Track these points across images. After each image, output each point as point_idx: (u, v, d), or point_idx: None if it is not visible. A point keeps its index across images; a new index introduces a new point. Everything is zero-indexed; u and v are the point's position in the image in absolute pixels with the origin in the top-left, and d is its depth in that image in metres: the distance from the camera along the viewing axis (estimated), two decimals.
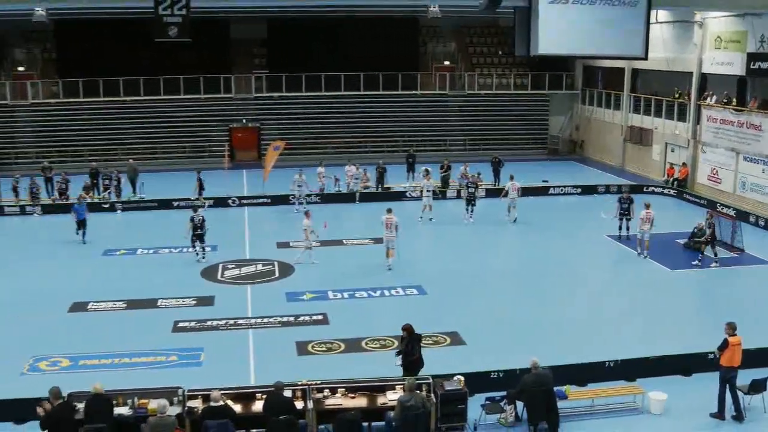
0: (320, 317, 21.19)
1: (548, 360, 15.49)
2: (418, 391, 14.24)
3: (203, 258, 26.94)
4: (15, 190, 35.82)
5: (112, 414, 13.81)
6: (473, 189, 32.89)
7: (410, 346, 15.89)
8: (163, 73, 47.61)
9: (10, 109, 48.14)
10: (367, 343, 19.18)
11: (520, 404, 15.14)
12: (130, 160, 39.63)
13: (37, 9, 34.92)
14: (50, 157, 46.14)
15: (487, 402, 15.27)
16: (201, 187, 35.78)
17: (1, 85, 48.12)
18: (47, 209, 35.03)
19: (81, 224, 29.28)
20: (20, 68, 50.13)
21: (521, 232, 31.63)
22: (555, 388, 14.90)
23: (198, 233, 26.89)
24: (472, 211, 32.51)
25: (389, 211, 26.20)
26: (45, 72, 50.00)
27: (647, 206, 27.36)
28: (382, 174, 37.82)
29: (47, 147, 47.82)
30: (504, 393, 15.28)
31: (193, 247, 27.10)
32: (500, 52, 53.77)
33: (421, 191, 33.73)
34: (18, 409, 15.15)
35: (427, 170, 34.76)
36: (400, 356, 15.96)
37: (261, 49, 51.65)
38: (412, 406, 13.65)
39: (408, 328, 15.97)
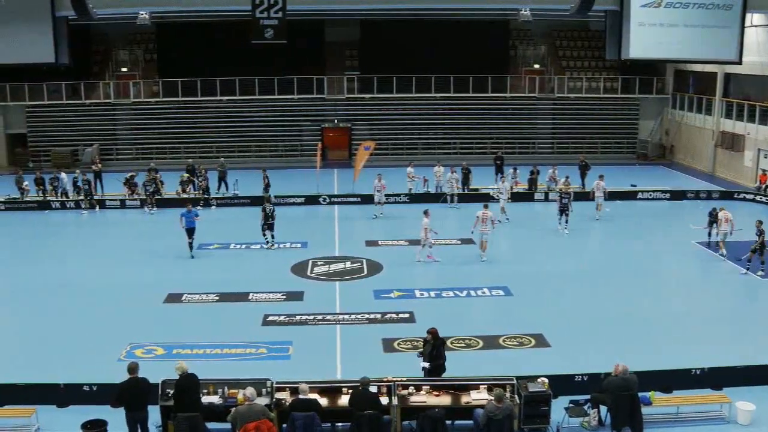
0: (407, 315, 21.24)
1: (633, 365, 15.18)
2: (507, 399, 14.13)
3: (272, 245, 28.48)
4: (128, 183, 36.99)
5: (199, 392, 14.14)
6: (567, 200, 31.16)
7: (436, 350, 15.74)
8: (258, 74, 48.50)
9: (113, 107, 49.82)
10: (452, 342, 19.15)
11: (603, 408, 14.90)
12: (221, 159, 40.35)
13: (141, 12, 36.09)
14: (148, 155, 47.70)
15: (571, 405, 15.07)
16: (267, 185, 36.49)
17: (105, 84, 49.86)
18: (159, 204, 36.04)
19: (190, 233, 27.49)
20: (123, 69, 51.85)
21: (608, 235, 31.09)
22: (639, 394, 14.61)
23: (269, 222, 28.49)
24: (566, 222, 30.91)
25: (486, 206, 26.91)
26: (146, 72, 51.55)
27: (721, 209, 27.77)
28: (467, 175, 37.66)
29: (146, 144, 49.39)
30: (588, 396, 15.07)
31: (264, 235, 28.63)
32: (590, 56, 52.96)
33: (507, 192, 33.49)
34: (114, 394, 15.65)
35: (515, 169, 34.55)
36: (424, 360, 15.79)
37: (353, 51, 52.10)
38: (497, 416, 13.58)
39: (434, 332, 15.84)
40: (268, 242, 28.66)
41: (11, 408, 15.22)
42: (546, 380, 14.92)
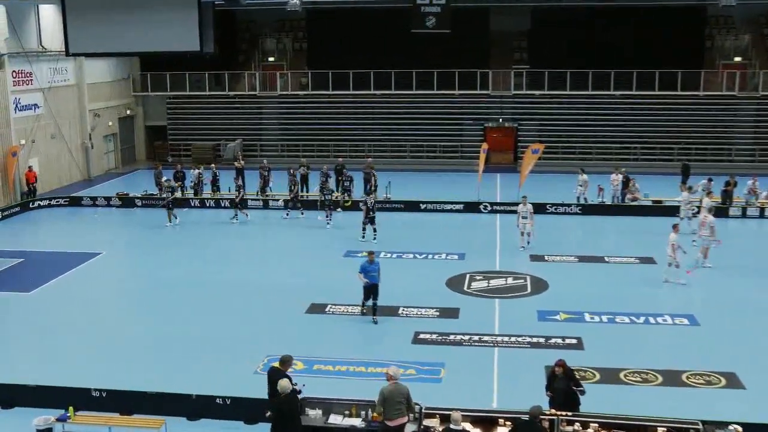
0: (574, 341, 20.83)
1: None
2: None
3: (374, 240, 30.82)
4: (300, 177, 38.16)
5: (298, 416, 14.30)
6: None
7: (566, 384, 15.17)
8: (415, 67, 48.98)
9: (258, 100, 51.58)
10: (626, 375, 18.61)
11: None
12: (369, 160, 41.05)
13: None
14: (294, 151, 49.11)
15: None
16: (371, 182, 37.14)
17: (250, 75, 51.71)
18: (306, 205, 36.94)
19: (371, 292, 22.59)
20: (270, 59, 53.62)
21: None
22: None
23: (371, 216, 31.12)
24: None
25: (710, 210, 28.03)
26: (294, 63, 53.06)
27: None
28: (626, 183, 36.64)
29: (293, 140, 50.84)
30: None
31: (364, 229, 31.24)
32: None
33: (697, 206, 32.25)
34: (249, 409, 16.16)
35: (709, 180, 33.30)
36: (552, 394, 15.29)
37: (522, 43, 51.77)
38: None
39: (563, 365, 15.33)
40: (364, 237, 31.16)
41: (140, 417, 15.93)
42: (739, 428, 14.20)
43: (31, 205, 38.77)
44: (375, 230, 31.29)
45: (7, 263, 29.05)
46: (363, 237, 31.33)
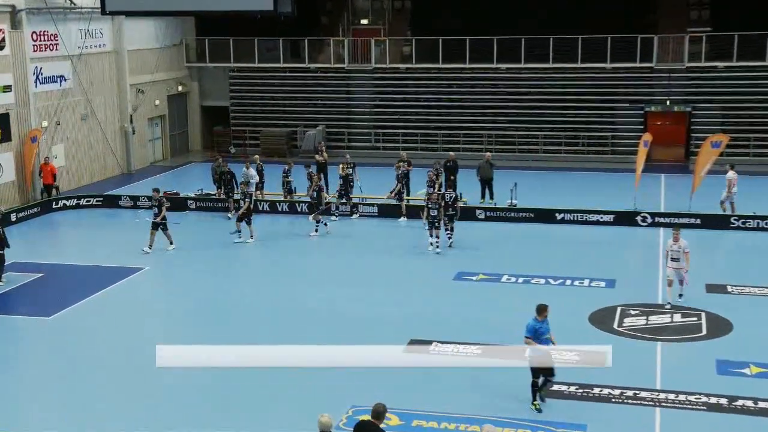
0: None
1: None
2: None
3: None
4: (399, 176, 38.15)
5: None
6: None
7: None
8: (551, 33, 48.61)
9: (347, 75, 51.78)
10: None
11: None
12: (487, 154, 40.60)
13: None
14: (393, 142, 49.15)
15: None
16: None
17: (337, 43, 52.12)
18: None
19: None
20: (363, 21, 53.84)
21: None
22: None
23: (450, 213, 32.13)
24: None
25: None
26: (394, 28, 53.13)
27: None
28: None
29: (390, 127, 50.97)
30: None
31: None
32: None
33: None
34: None
35: None
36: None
37: None
38: None
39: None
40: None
41: None
42: None
43: (54, 205, 39.52)
44: (450, 232, 32.01)
45: (22, 279, 29.50)
46: (436, 247, 31.67)
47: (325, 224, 34.81)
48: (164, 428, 18.43)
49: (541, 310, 19.78)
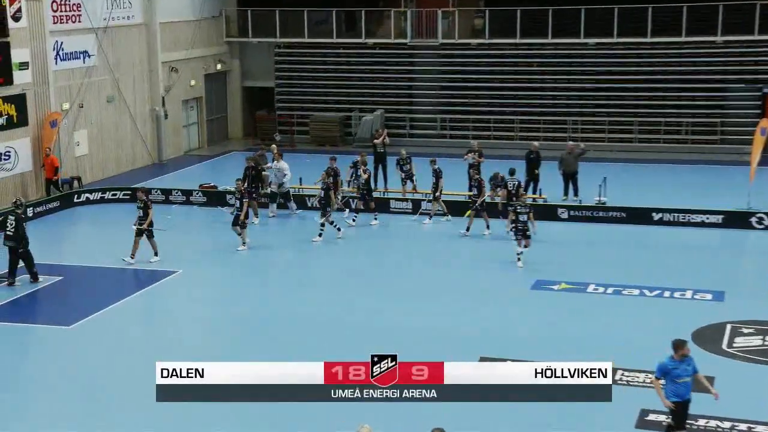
0: None
1: None
2: None
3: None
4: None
5: None
6: None
7: None
8: (650, 2, 48.15)
9: (410, 52, 51.66)
10: None
11: None
12: (570, 144, 40.33)
13: None
14: (461, 129, 49.10)
15: None
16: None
17: (398, 15, 52.00)
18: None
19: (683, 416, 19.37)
20: None
21: None
22: None
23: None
24: None
25: None
26: None
27: None
28: None
29: (458, 112, 50.83)
30: None
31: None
32: None
33: None
34: None
35: None
36: None
37: None
38: None
39: None
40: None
41: None
42: None
43: (75, 199, 39.78)
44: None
45: (39, 282, 29.59)
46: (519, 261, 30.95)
47: (338, 228, 34.40)
48: None
49: (678, 346, 18.53)
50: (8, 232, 28.83)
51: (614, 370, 22.33)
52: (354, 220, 35.98)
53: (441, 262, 32.22)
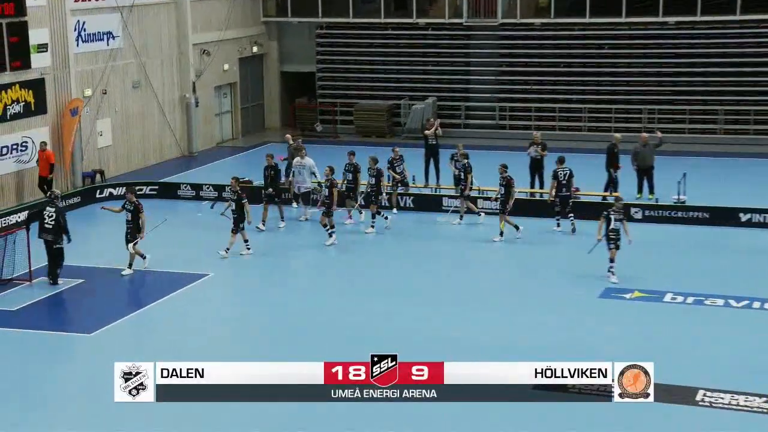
0: None
1: None
2: None
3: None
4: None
5: None
6: None
7: None
8: None
9: (466, 33, 51.60)
10: None
11: None
12: (644, 135, 39.85)
13: None
14: (522, 119, 49.10)
15: None
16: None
17: None
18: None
19: None
20: None
21: None
22: None
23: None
24: None
25: None
26: None
27: None
28: None
29: (517, 100, 51.02)
30: None
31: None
32: None
33: None
34: None
35: None
36: None
37: None
38: None
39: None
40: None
41: None
42: None
43: (98, 195, 39.99)
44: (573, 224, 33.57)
45: (59, 285, 29.81)
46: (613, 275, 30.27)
47: (345, 226, 35.02)
48: None
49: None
50: (47, 225, 29.11)
51: (695, 390, 22.33)
52: (387, 218, 35.73)
53: (492, 267, 32.51)
